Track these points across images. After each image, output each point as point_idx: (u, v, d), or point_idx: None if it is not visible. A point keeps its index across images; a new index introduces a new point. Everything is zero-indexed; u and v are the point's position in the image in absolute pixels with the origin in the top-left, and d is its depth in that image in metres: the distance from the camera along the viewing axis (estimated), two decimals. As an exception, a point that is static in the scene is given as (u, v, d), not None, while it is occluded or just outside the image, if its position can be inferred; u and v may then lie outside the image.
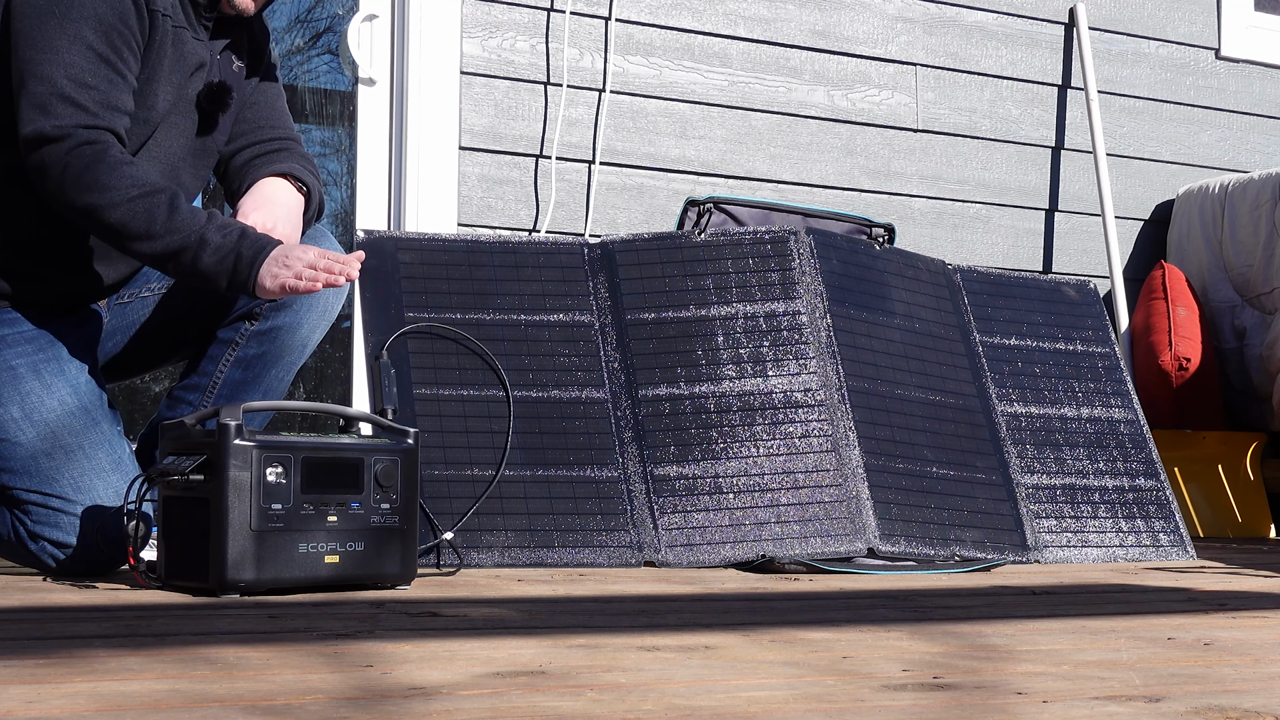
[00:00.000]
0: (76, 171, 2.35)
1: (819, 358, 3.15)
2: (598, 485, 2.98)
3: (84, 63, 2.37)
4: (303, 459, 2.28)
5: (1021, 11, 4.55)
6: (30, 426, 2.45)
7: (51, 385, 2.48)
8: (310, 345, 2.76)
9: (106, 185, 2.35)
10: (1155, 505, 3.38)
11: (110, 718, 1.23)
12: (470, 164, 3.87)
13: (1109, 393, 3.50)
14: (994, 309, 3.51)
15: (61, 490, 2.44)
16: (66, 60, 2.36)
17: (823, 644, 1.77)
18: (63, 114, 2.36)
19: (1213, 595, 2.51)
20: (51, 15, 2.37)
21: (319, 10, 5.09)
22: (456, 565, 2.75)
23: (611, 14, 4.01)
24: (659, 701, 1.35)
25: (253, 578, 2.22)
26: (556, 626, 1.92)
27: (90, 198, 2.35)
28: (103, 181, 2.35)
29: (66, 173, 2.35)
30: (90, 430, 2.49)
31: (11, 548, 2.49)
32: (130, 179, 2.37)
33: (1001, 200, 4.51)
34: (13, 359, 2.47)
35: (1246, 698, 1.41)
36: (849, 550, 2.95)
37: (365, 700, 1.33)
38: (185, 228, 2.36)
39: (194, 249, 2.36)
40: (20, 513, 2.45)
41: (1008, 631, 1.93)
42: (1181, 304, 4.36)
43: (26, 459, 2.44)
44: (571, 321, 3.15)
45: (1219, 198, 4.52)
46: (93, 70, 2.38)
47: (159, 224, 2.36)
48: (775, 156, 4.22)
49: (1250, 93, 4.88)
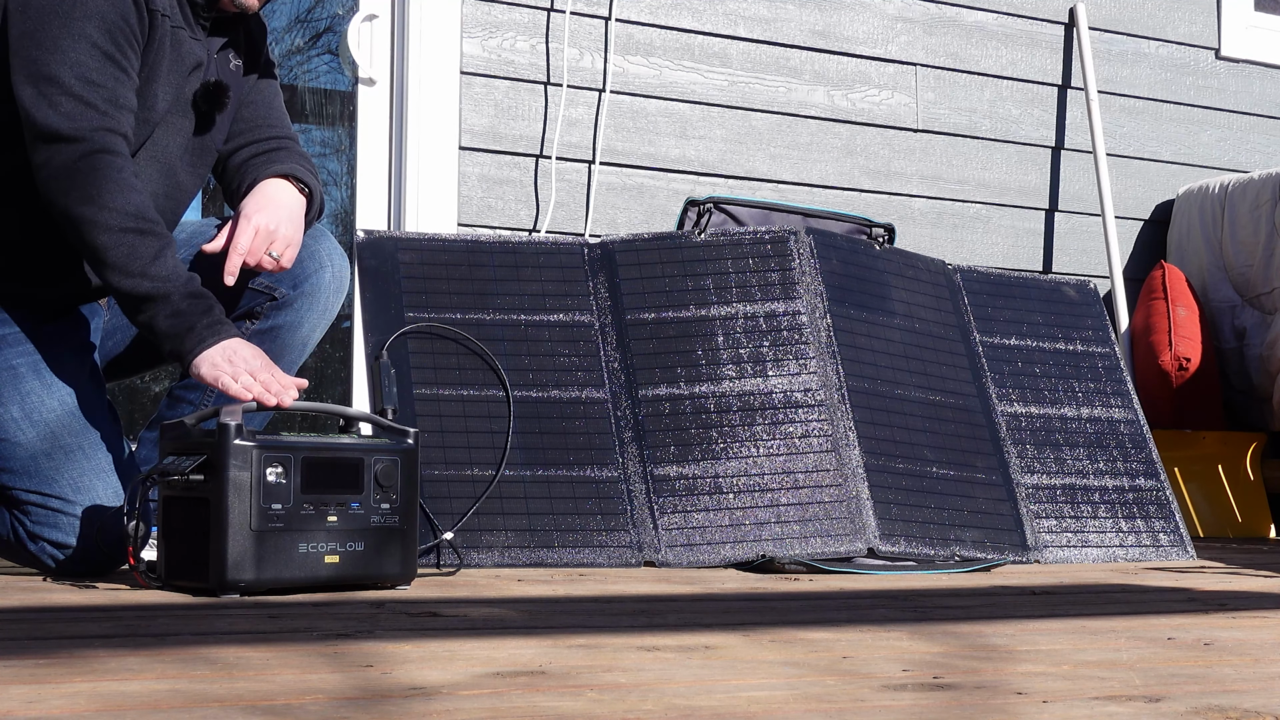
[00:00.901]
0: (83, 178, 2.34)
1: (819, 358, 3.15)
2: (598, 485, 2.98)
3: (90, 61, 2.37)
4: (303, 459, 2.28)
5: (1021, 11, 4.55)
6: (30, 426, 2.45)
7: (52, 385, 2.48)
8: (310, 344, 2.76)
9: (106, 205, 2.33)
10: (1155, 505, 3.38)
11: (110, 718, 1.23)
12: (470, 164, 3.87)
13: (1109, 393, 3.50)
14: (994, 309, 3.51)
15: (61, 490, 2.44)
16: (73, 59, 2.36)
17: (823, 644, 1.77)
18: (76, 113, 2.35)
19: (1213, 595, 2.51)
20: (55, 14, 2.37)
21: (319, 10, 5.09)
22: (456, 565, 2.75)
23: (611, 14, 4.01)
24: (659, 701, 1.35)
25: (253, 578, 2.22)
26: (556, 626, 1.92)
27: (85, 210, 2.33)
28: (104, 200, 2.33)
29: (74, 177, 2.34)
30: (90, 430, 2.49)
31: (11, 548, 2.49)
32: (132, 208, 2.35)
33: (1001, 200, 4.51)
34: (13, 359, 2.47)
35: (1246, 698, 1.41)
36: (849, 550, 2.95)
37: (365, 700, 1.33)
38: (160, 278, 2.33)
39: (157, 303, 2.34)
40: (20, 513, 2.45)
41: (1008, 631, 1.93)
42: (1181, 304, 4.36)
43: (26, 459, 2.44)
44: (571, 321, 3.15)
45: (1219, 198, 4.52)
46: (99, 68, 2.37)
47: (137, 264, 2.33)
48: (775, 156, 4.22)
49: (1250, 93, 4.88)
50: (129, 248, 2.33)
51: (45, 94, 2.35)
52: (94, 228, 2.33)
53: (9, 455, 2.45)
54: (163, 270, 2.34)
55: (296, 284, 2.69)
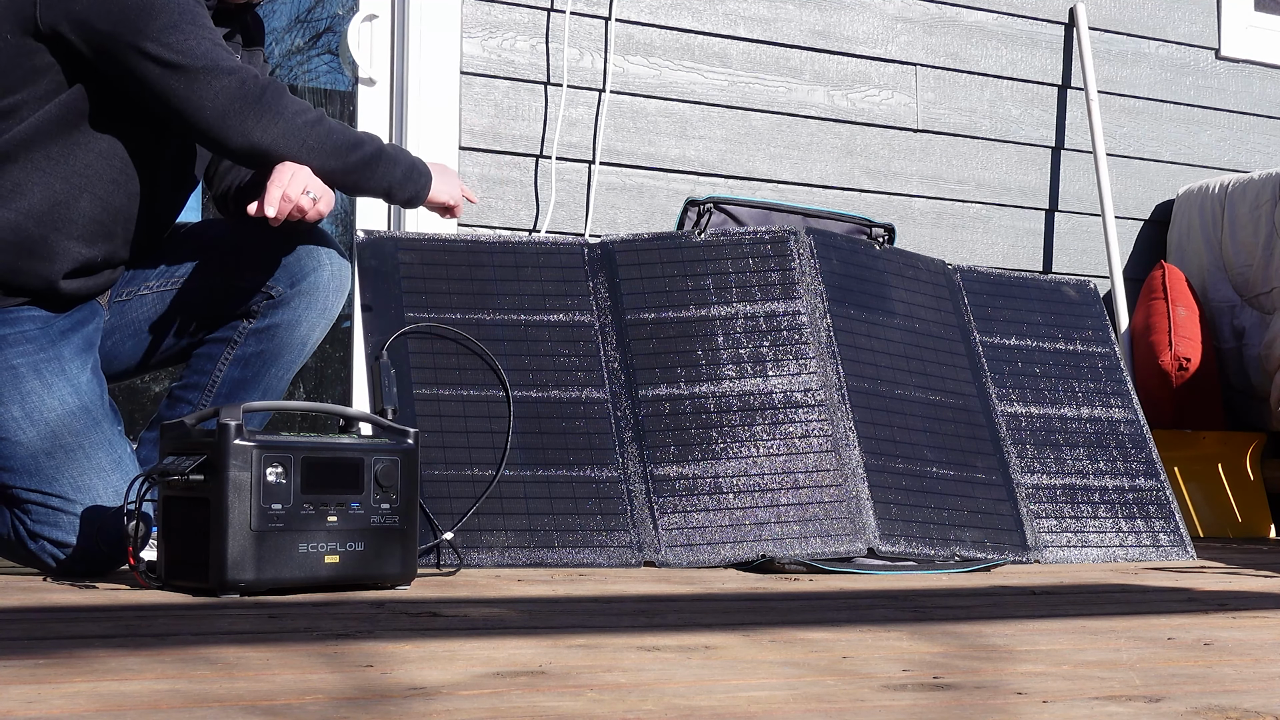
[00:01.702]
0: (264, 99, 2.48)
1: (819, 358, 3.15)
2: (598, 485, 2.98)
3: (205, 23, 2.48)
4: (303, 459, 2.28)
5: (1021, 11, 4.55)
6: (31, 426, 2.45)
7: (52, 385, 2.48)
8: (310, 344, 2.76)
9: (290, 110, 2.51)
10: (1155, 505, 3.38)
11: (110, 718, 1.23)
12: (470, 164, 3.87)
13: (1109, 393, 3.50)
14: (994, 309, 3.51)
15: (61, 490, 2.44)
16: (191, 19, 2.45)
17: (823, 644, 1.77)
18: (222, 55, 2.46)
19: (1213, 595, 2.51)
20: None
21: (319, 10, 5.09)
22: (456, 565, 2.75)
23: (611, 14, 4.01)
24: (659, 701, 1.35)
25: (253, 578, 2.22)
26: (556, 626, 1.92)
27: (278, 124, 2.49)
28: (288, 110, 2.51)
29: (260, 99, 2.47)
30: (91, 430, 2.49)
31: (11, 547, 2.49)
32: (314, 113, 2.56)
33: (1001, 200, 4.51)
34: (14, 358, 2.47)
35: (1246, 698, 1.41)
36: (849, 550, 2.95)
37: (365, 700, 1.33)
38: (370, 139, 2.61)
39: (383, 157, 2.61)
40: (20, 512, 2.45)
41: (1008, 631, 1.93)
42: (1181, 304, 4.36)
43: (26, 458, 2.44)
44: (571, 321, 3.15)
45: (1219, 198, 4.52)
46: (211, 29, 2.49)
47: (352, 135, 2.58)
48: (775, 156, 4.22)
49: (1250, 93, 4.88)
50: (338, 131, 2.57)
51: (182, 43, 2.42)
52: (298, 128, 2.51)
53: (9, 454, 2.45)
54: (366, 135, 2.61)
55: (294, 282, 2.69)
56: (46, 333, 2.52)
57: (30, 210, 2.48)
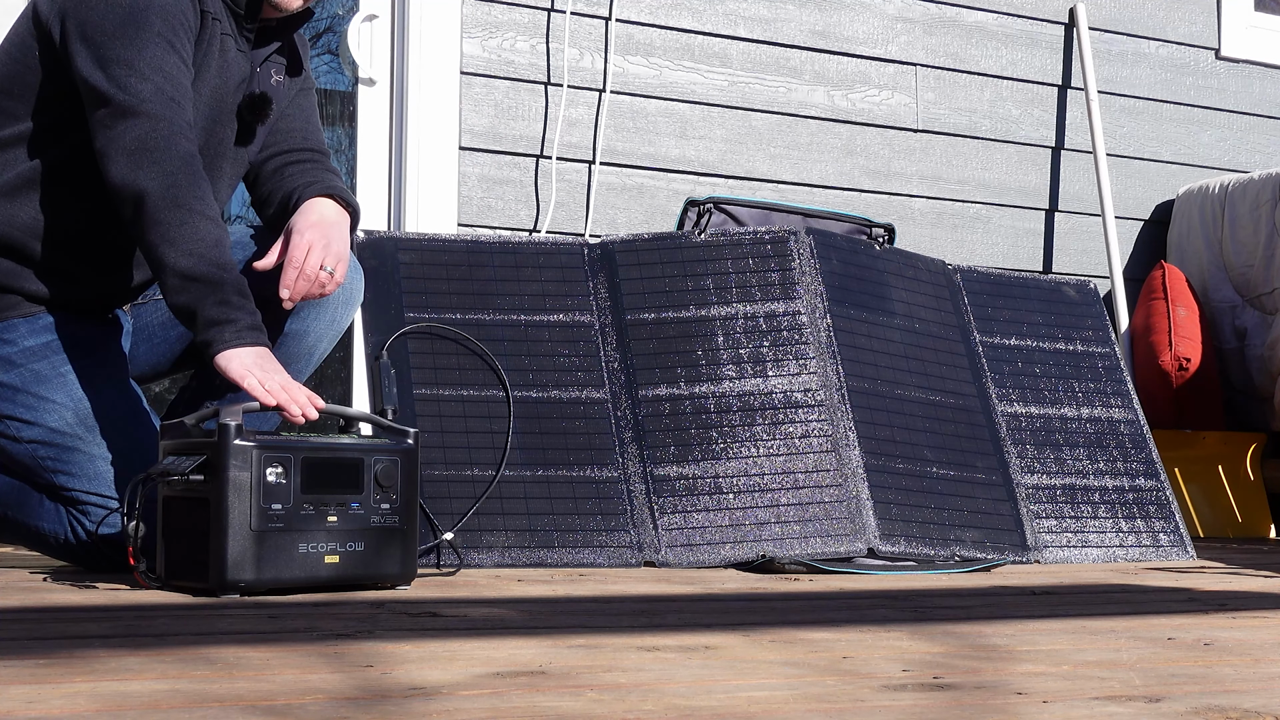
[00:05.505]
0: (157, 155, 2.33)
1: (819, 358, 3.15)
2: (598, 485, 2.98)
3: (159, 50, 2.40)
4: (303, 459, 2.28)
5: (1021, 11, 4.55)
6: (85, 430, 2.48)
7: (102, 390, 2.52)
8: (318, 355, 2.76)
9: (176, 182, 2.32)
10: (1155, 505, 3.38)
11: (110, 718, 1.23)
12: (470, 164, 3.87)
13: (1109, 393, 3.50)
14: (994, 309, 3.51)
15: (118, 492, 2.49)
16: (141, 44, 2.39)
17: (823, 644, 1.77)
18: (149, 95, 2.36)
19: (1213, 595, 2.51)
20: (118, 4, 2.41)
21: (319, 10, 5.08)
22: (456, 565, 2.75)
23: (611, 14, 4.01)
24: (659, 701, 1.35)
25: (253, 578, 2.22)
26: (556, 626, 1.92)
27: (154, 184, 2.32)
28: (175, 178, 2.33)
29: (150, 153, 2.33)
30: (141, 431, 2.52)
31: (70, 549, 2.52)
32: (200, 191, 2.35)
33: (1001, 200, 4.51)
34: (60, 365, 2.51)
35: (1246, 698, 1.41)
36: (849, 550, 2.95)
37: (365, 700, 1.33)
38: (218, 265, 2.31)
39: (208, 288, 2.30)
40: (79, 513, 2.49)
41: (1008, 631, 1.93)
42: (1181, 304, 4.36)
43: (85, 462, 2.48)
44: (571, 321, 3.15)
45: (1219, 198, 4.52)
46: (164, 58, 2.40)
47: (199, 245, 2.31)
48: (775, 156, 4.22)
49: (1250, 93, 4.88)
50: (194, 227, 2.31)
51: (116, 76, 2.37)
52: (161, 201, 2.32)
53: (68, 460, 2.48)
54: (222, 258, 2.33)
55: None
56: (89, 339, 2.55)
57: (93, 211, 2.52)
